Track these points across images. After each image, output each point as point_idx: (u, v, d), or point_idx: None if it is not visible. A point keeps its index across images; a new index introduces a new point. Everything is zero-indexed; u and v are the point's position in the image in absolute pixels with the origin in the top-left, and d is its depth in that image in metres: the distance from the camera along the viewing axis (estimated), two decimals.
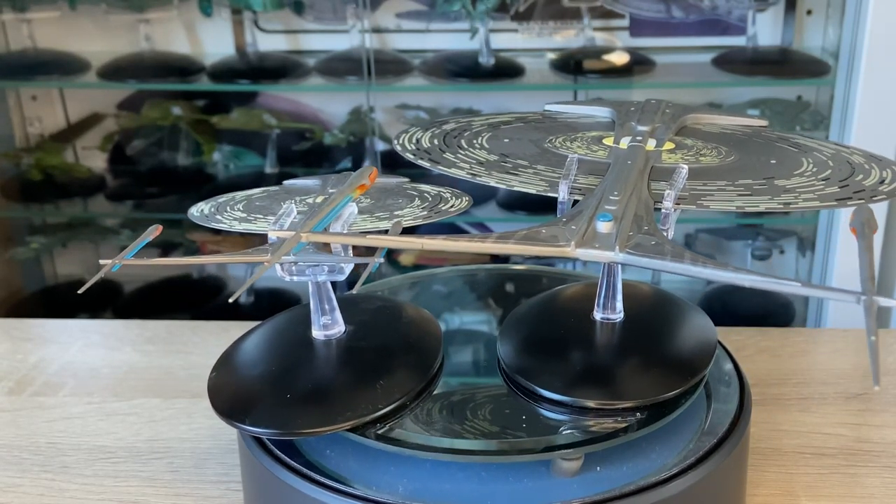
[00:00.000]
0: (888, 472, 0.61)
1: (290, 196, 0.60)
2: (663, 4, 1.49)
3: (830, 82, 1.40)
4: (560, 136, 0.60)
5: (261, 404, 0.50)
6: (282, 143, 1.64)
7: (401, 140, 0.59)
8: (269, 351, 0.56)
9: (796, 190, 0.52)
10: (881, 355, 0.75)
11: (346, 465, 0.50)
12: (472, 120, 0.62)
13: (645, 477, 0.49)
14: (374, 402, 0.49)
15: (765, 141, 0.60)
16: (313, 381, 0.52)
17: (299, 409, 0.49)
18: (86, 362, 0.77)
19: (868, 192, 0.51)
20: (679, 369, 0.53)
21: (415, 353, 0.55)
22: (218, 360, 0.55)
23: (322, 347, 0.55)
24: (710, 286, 1.63)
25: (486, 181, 0.53)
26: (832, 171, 0.54)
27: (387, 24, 1.58)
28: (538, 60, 1.54)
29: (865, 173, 0.54)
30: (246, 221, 0.57)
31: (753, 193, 0.51)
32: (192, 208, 0.60)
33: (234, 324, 0.81)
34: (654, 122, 0.60)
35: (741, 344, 0.76)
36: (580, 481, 0.49)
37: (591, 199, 0.49)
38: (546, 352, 0.55)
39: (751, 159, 0.56)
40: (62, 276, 1.76)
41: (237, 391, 0.52)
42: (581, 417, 0.50)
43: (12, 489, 0.61)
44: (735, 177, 0.53)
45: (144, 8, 1.55)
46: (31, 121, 1.68)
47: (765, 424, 0.65)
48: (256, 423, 0.48)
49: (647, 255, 0.44)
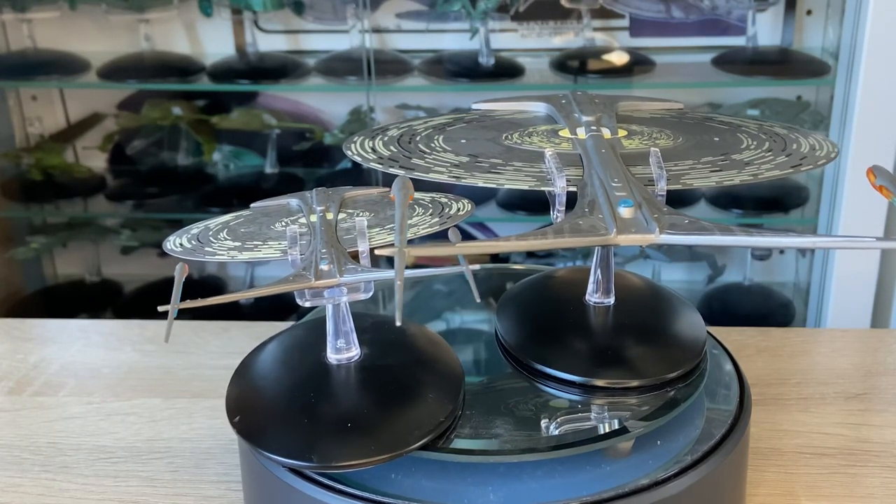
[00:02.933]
0: (888, 472, 0.61)
1: (272, 218, 0.58)
2: (663, 4, 1.49)
3: (830, 82, 1.40)
4: (512, 132, 0.59)
5: (297, 435, 0.48)
6: (282, 143, 1.64)
7: (353, 149, 0.57)
8: (289, 375, 0.54)
9: (754, 162, 0.54)
10: (881, 355, 0.75)
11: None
12: (412, 123, 0.62)
13: (645, 477, 0.49)
14: (419, 427, 0.48)
15: (694, 121, 0.61)
16: (349, 410, 0.50)
17: (345, 440, 0.48)
18: (86, 362, 0.77)
19: (811, 159, 0.55)
20: (679, 349, 0.55)
21: (437, 373, 0.53)
22: (234, 383, 0.54)
23: (342, 372, 0.53)
24: (710, 286, 1.63)
25: (472, 182, 0.52)
26: (769, 143, 0.57)
27: (387, 24, 1.58)
28: (538, 60, 1.54)
29: (797, 143, 0.57)
30: (247, 250, 0.54)
31: (722, 168, 0.53)
32: (166, 243, 0.57)
33: (235, 324, 0.81)
34: (596, 112, 0.60)
35: (741, 344, 0.76)
36: (580, 481, 0.49)
37: (594, 189, 0.49)
38: (549, 334, 0.56)
39: (698, 139, 0.58)
40: (62, 276, 1.76)
41: (264, 420, 0.50)
42: (591, 397, 0.52)
43: (12, 489, 0.61)
44: (697, 156, 0.55)
45: (144, 8, 1.55)
46: (31, 121, 1.68)
47: (765, 424, 0.65)
48: (298, 458, 0.47)
49: (685, 233, 0.45)
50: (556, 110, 0.61)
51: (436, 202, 0.59)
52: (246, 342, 0.78)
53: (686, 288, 1.62)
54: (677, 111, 0.64)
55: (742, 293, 1.61)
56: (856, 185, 1.34)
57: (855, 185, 1.35)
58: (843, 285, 1.41)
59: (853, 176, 1.34)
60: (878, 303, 1.43)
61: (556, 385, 0.53)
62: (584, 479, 0.49)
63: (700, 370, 0.55)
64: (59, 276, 1.76)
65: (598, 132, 0.56)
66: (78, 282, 1.73)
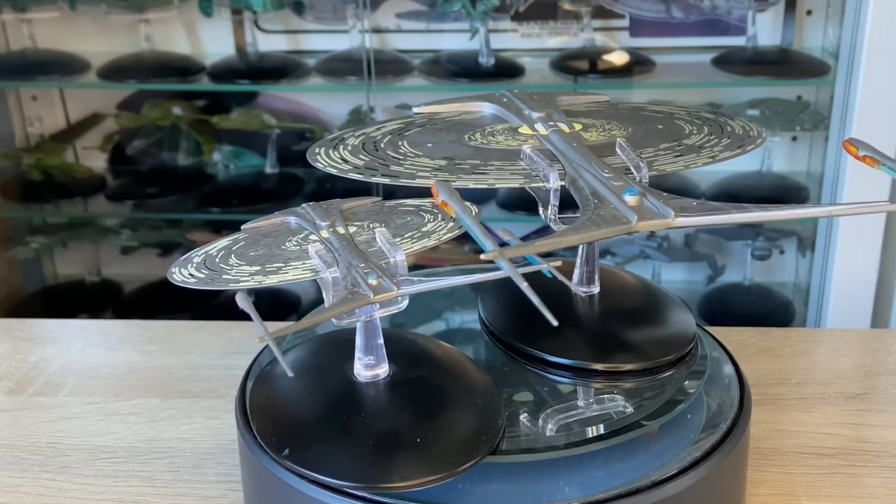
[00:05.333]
0: (888, 472, 0.61)
1: (276, 239, 0.56)
2: (663, 4, 1.49)
3: (830, 82, 1.40)
4: (471, 133, 0.59)
5: (358, 461, 0.47)
6: (282, 143, 1.64)
7: (320, 160, 0.56)
8: (324, 397, 0.52)
9: (706, 146, 0.55)
10: (881, 355, 0.75)
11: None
12: (365, 131, 0.60)
13: (645, 477, 0.49)
14: (479, 438, 0.48)
15: (630, 111, 0.62)
16: (403, 428, 0.49)
17: (408, 460, 0.47)
18: (86, 362, 0.77)
19: (750, 140, 0.57)
20: (669, 334, 0.57)
21: (470, 385, 0.52)
22: (261, 411, 0.52)
23: (379, 389, 0.51)
24: (710, 286, 1.62)
25: (463, 185, 0.52)
26: (707, 127, 0.59)
27: (387, 24, 1.58)
28: (538, 60, 1.54)
29: (730, 126, 0.59)
30: (272, 273, 0.51)
31: (682, 154, 0.54)
32: (173, 275, 0.53)
33: (235, 324, 0.81)
34: (544, 108, 0.60)
35: (741, 344, 0.76)
36: (580, 481, 0.49)
37: (588, 182, 0.49)
38: (536, 322, 0.57)
39: (645, 128, 0.59)
40: (62, 276, 1.76)
41: (318, 449, 0.48)
42: (586, 381, 0.53)
43: (12, 489, 0.61)
44: (655, 143, 0.56)
45: (144, 8, 1.55)
46: (31, 121, 1.68)
47: (765, 424, 0.65)
48: (364, 481, 0.46)
49: (700, 214, 0.45)
50: (503, 109, 0.61)
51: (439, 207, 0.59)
52: (246, 342, 0.78)
53: (686, 288, 1.62)
54: (605, 103, 0.65)
55: (742, 293, 1.61)
56: (856, 185, 1.34)
57: (855, 185, 1.35)
58: (843, 285, 1.41)
59: (853, 176, 1.34)
60: (878, 303, 1.43)
61: (549, 369, 0.54)
62: (585, 480, 0.49)
63: (692, 354, 0.56)
64: (59, 276, 1.76)
65: (557, 127, 0.56)
66: (78, 282, 1.73)
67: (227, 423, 0.67)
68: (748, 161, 1.59)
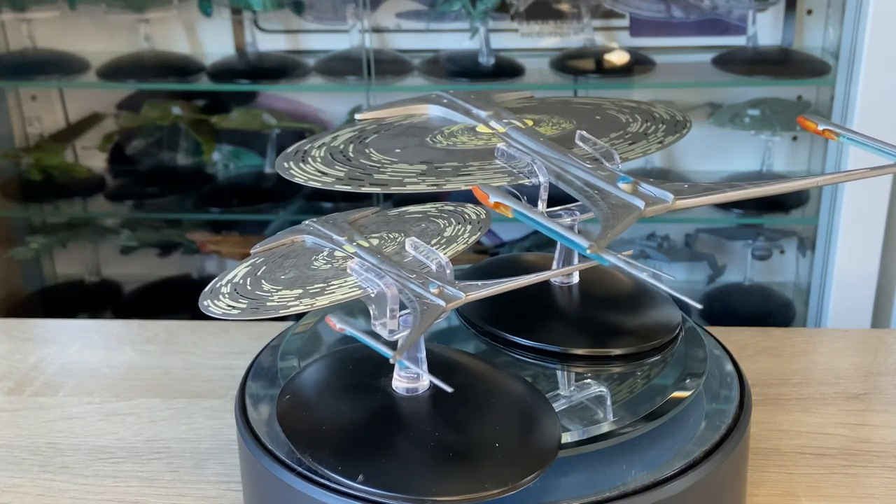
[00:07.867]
0: (888, 472, 0.61)
1: (299, 259, 0.54)
2: (663, 4, 1.49)
3: (830, 82, 1.40)
4: (430, 135, 0.58)
5: (419, 478, 0.46)
6: (282, 143, 1.64)
7: (297, 174, 0.54)
8: (369, 414, 0.50)
9: (653, 134, 0.57)
10: (881, 355, 0.75)
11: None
12: (324, 141, 0.59)
13: (645, 477, 0.49)
14: (546, 442, 0.47)
15: (561, 104, 0.62)
16: (461, 441, 0.48)
17: (466, 474, 0.46)
18: (85, 362, 0.77)
19: (680, 125, 0.59)
20: (657, 321, 0.58)
21: (517, 396, 0.51)
22: (307, 438, 0.49)
23: (426, 402, 0.50)
24: (710, 286, 1.62)
25: (454, 188, 0.51)
26: (640, 116, 0.60)
27: (387, 24, 1.58)
28: (538, 60, 1.54)
29: (658, 114, 0.61)
30: (317, 295, 0.49)
31: (634, 141, 0.56)
32: (209, 308, 0.51)
33: (234, 324, 0.81)
34: (489, 107, 0.60)
35: (741, 344, 0.76)
36: (580, 481, 0.49)
37: (577, 174, 0.50)
38: (519, 310, 0.57)
39: (588, 121, 0.59)
40: (62, 276, 1.76)
41: (384, 467, 0.47)
42: (570, 365, 0.54)
43: (12, 489, 0.61)
44: (605, 133, 0.57)
45: (144, 8, 1.55)
46: (31, 121, 1.68)
47: (765, 424, 0.65)
48: (402, 491, 0.45)
49: (697, 195, 0.46)
50: (447, 109, 0.61)
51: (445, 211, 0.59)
52: (245, 342, 0.78)
53: (686, 288, 1.62)
54: (532, 99, 0.65)
55: (742, 293, 1.61)
56: (856, 184, 1.34)
57: (855, 184, 1.35)
58: (843, 285, 1.41)
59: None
60: (878, 303, 1.43)
61: (532, 355, 0.55)
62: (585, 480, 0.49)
63: (677, 338, 0.57)
64: (58, 276, 1.76)
65: (512, 124, 0.56)
66: (77, 282, 1.73)
67: (227, 423, 0.67)
68: (748, 161, 1.59)
